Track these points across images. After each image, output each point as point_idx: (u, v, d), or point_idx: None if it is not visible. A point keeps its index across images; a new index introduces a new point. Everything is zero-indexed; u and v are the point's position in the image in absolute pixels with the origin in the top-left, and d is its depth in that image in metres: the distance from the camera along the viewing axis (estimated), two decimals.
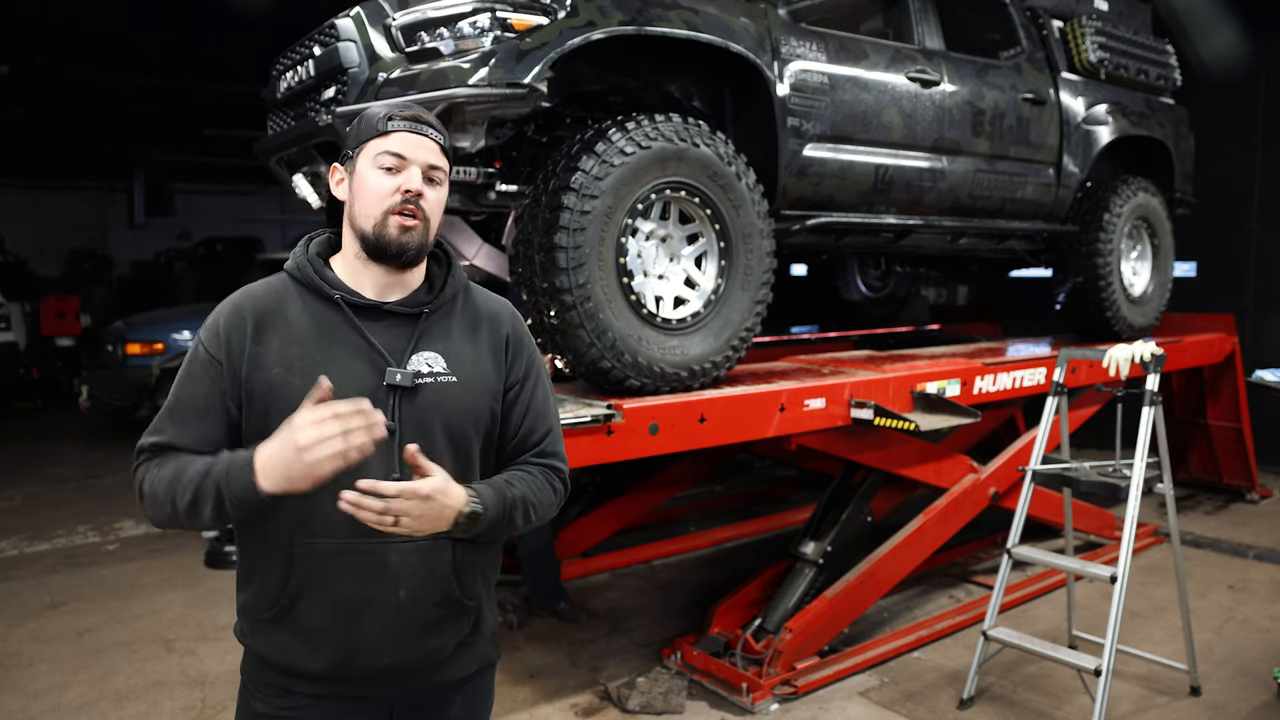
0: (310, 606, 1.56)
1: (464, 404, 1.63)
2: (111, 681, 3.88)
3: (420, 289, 1.67)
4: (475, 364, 1.66)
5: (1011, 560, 3.66)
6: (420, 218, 1.58)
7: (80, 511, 6.54)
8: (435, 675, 1.66)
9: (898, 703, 3.64)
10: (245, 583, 1.64)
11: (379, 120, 1.59)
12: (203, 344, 1.59)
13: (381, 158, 1.57)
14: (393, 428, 1.54)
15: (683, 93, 3.93)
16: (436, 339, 1.63)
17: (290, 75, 3.60)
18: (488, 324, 1.71)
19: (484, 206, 3.44)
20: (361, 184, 1.59)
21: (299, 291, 1.61)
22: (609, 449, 3.15)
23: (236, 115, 11.12)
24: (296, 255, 1.65)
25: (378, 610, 1.56)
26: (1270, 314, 7.52)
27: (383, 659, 1.59)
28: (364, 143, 1.60)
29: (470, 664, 1.71)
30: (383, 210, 1.56)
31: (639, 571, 5.23)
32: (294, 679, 1.60)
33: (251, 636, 1.63)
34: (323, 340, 1.56)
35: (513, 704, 3.66)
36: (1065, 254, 5.39)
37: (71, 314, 11.54)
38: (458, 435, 1.62)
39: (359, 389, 1.52)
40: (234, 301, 1.62)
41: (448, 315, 1.67)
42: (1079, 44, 5.24)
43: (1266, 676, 3.80)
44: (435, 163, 1.60)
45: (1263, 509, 6.44)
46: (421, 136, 1.59)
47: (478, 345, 1.68)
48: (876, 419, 3.75)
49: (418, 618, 1.60)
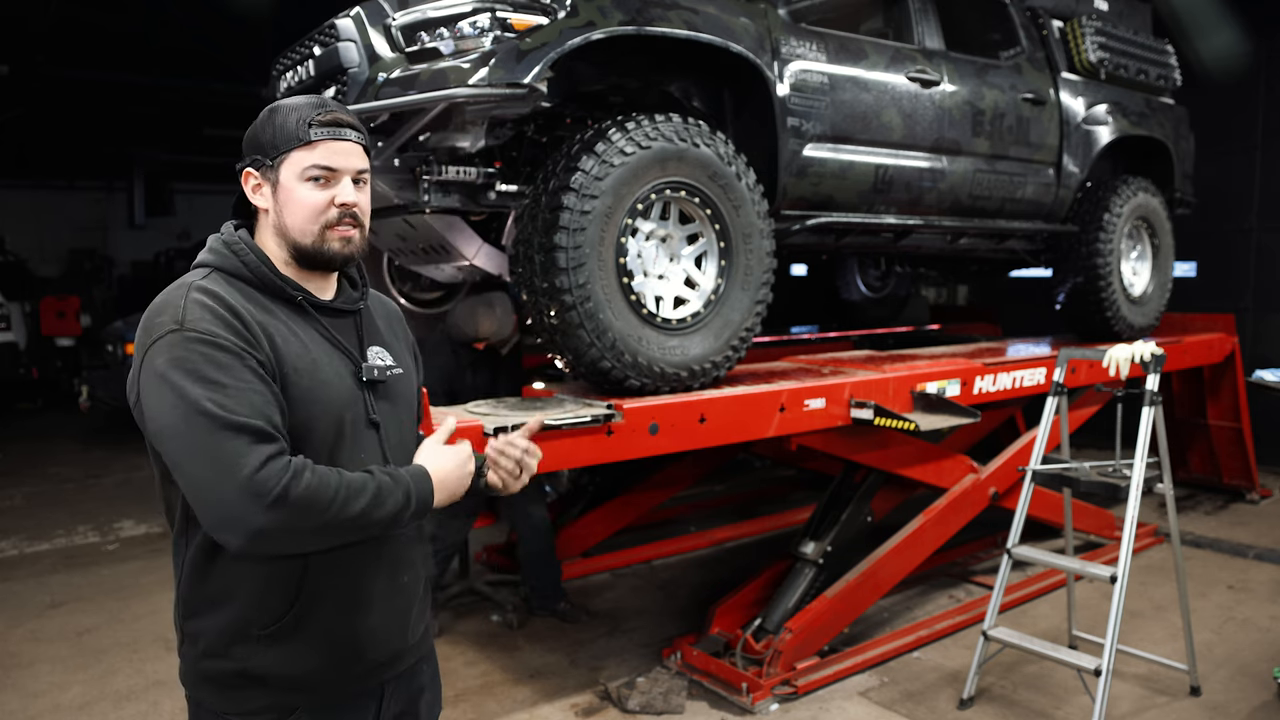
0: (324, 609, 1.53)
1: (410, 390, 1.72)
2: (111, 681, 3.88)
3: (343, 285, 1.68)
4: (404, 354, 1.74)
5: (1011, 560, 3.66)
6: (357, 225, 1.58)
7: (80, 511, 6.54)
8: (417, 650, 1.72)
9: (898, 703, 3.64)
10: (219, 602, 1.50)
11: (299, 128, 1.50)
12: (216, 336, 1.40)
13: (309, 171, 1.52)
14: (376, 420, 1.60)
15: (683, 93, 3.92)
16: (375, 334, 1.69)
17: (290, 75, 3.60)
18: (396, 321, 1.79)
19: (484, 206, 3.44)
20: (290, 197, 1.52)
21: (252, 291, 1.52)
22: (609, 449, 3.15)
23: (236, 115, 11.09)
24: (241, 256, 1.53)
25: (385, 598, 1.61)
26: (1270, 314, 7.52)
27: (391, 645, 1.63)
28: (285, 153, 1.51)
29: (428, 633, 1.78)
30: (320, 226, 1.53)
31: (639, 571, 5.23)
32: (291, 693, 1.52)
33: (230, 658, 1.49)
34: (303, 340, 1.55)
35: (513, 704, 3.66)
36: (1065, 254, 5.39)
37: (71, 314, 11.53)
38: (409, 420, 1.71)
39: (344, 388, 1.57)
40: (208, 300, 1.44)
41: (370, 311, 1.71)
42: (1079, 44, 5.23)
43: (1266, 676, 3.80)
44: (362, 166, 1.58)
45: (1263, 509, 6.44)
46: (346, 143, 1.54)
47: (398, 339, 1.75)
48: (876, 419, 3.75)
49: (412, 595, 1.67)
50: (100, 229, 16.56)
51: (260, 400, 1.40)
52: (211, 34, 9.44)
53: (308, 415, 1.49)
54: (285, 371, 1.47)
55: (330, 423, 1.52)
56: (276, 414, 1.42)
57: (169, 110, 12.21)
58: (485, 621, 4.45)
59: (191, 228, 16.14)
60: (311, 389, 1.50)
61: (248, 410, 1.37)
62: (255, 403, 1.38)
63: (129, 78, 10.85)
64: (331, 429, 1.53)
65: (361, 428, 1.57)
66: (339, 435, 1.54)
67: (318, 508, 1.38)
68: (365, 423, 1.58)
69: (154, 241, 15.55)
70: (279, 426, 1.41)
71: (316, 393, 1.51)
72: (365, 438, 1.58)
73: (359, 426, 1.57)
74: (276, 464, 1.36)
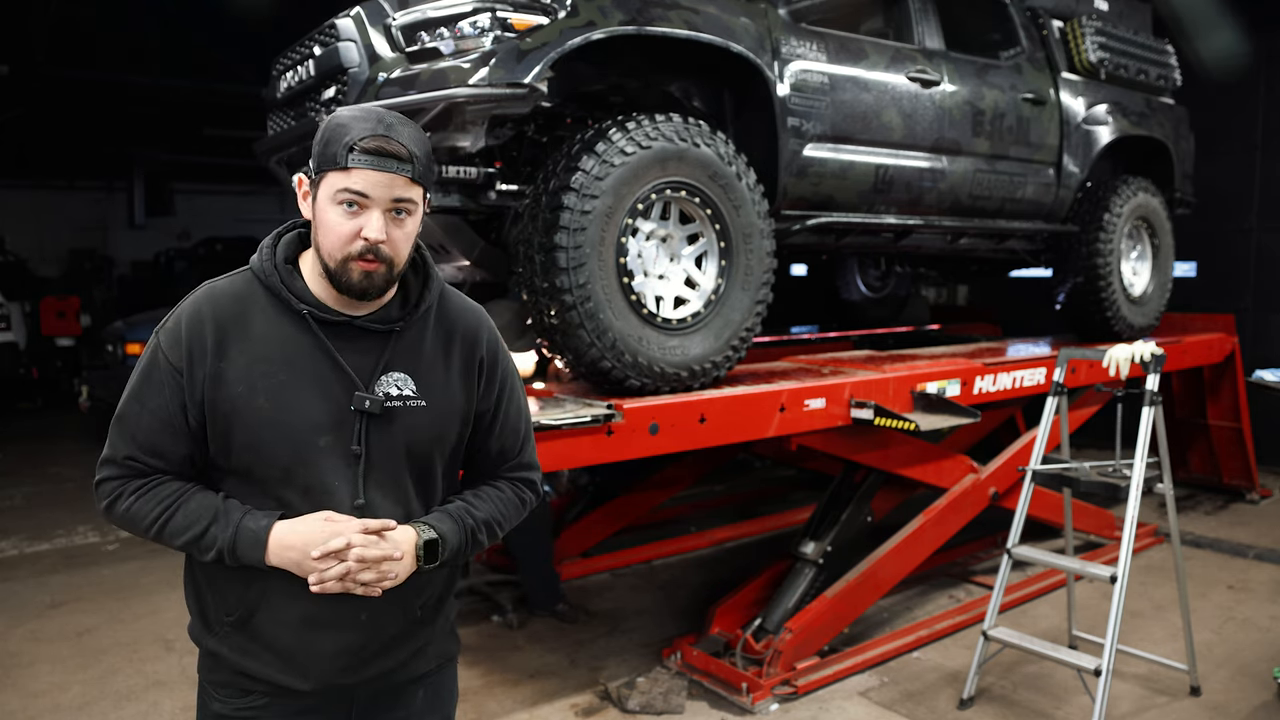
0: (268, 620, 1.53)
1: (431, 430, 1.59)
2: (111, 681, 3.88)
3: (393, 301, 1.60)
4: (445, 386, 1.61)
5: (1011, 560, 3.66)
6: (381, 261, 1.49)
7: (80, 511, 6.53)
8: (396, 675, 1.65)
9: (898, 703, 3.64)
10: (202, 585, 1.59)
11: (340, 151, 1.45)
12: (162, 350, 1.50)
13: (342, 195, 1.46)
14: (358, 452, 1.52)
15: (683, 93, 3.92)
16: (407, 358, 1.57)
17: (290, 75, 3.60)
18: (461, 340, 1.65)
19: (484, 206, 3.44)
20: (323, 217, 1.49)
21: (267, 299, 1.53)
22: (609, 449, 3.15)
23: (236, 115, 11.12)
24: (264, 258, 1.56)
25: (338, 629, 1.54)
26: (1270, 314, 7.52)
27: (342, 676, 1.57)
28: (325, 172, 1.48)
29: (430, 661, 1.70)
30: (343, 255, 1.48)
31: (639, 571, 5.23)
32: (251, 680, 1.57)
33: (209, 637, 1.58)
34: (288, 359, 1.50)
35: (513, 704, 3.66)
36: (1065, 254, 5.39)
37: (71, 314, 11.52)
38: (421, 457, 1.60)
39: (324, 411, 1.50)
40: (196, 306, 1.52)
41: (420, 328, 1.60)
42: (1079, 44, 5.23)
43: (1266, 676, 3.80)
44: (403, 195, 1.48)
45: (1263, 509, 6.44)
46: (385, 173, 1.45)
47: (449, 364, 1.62)
48: (876, 419, 3.75)
49: (377, 637, 1.58)
50: (100, 229, 16.56)
51: (146, 429, 1.51)
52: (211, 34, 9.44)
53: (255, 437, 1.48)
54: (229, 391, 1.48)
55: (284, 446, 1.49)
56: (177, 446, 1.51)
57: (169, 110, 12.21)
58: (485, 621, 4.45)
59: (191, 228, 16.12)
60: (266, 410, 1.48)
61: (134, 430, 1.51)
62: (149, 426, 1.50)
63: (129, 78, 10.84)
64: (285, 450, 1.49)
65: (335, 455, 1.51)
66: (294, 459, 1.50)
67: (136, 529, 1.53)
68: (344, 450, 1.51)
69: (154, 241, 15.54)
70: (147, 454, 1.51)
71: (272, 415, 1.48)
72: (337, 465, 1.51)
73: (331, 453, 1.51)
74: (106, 485, 1.54)
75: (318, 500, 1.51)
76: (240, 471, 1.52)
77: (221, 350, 1.49)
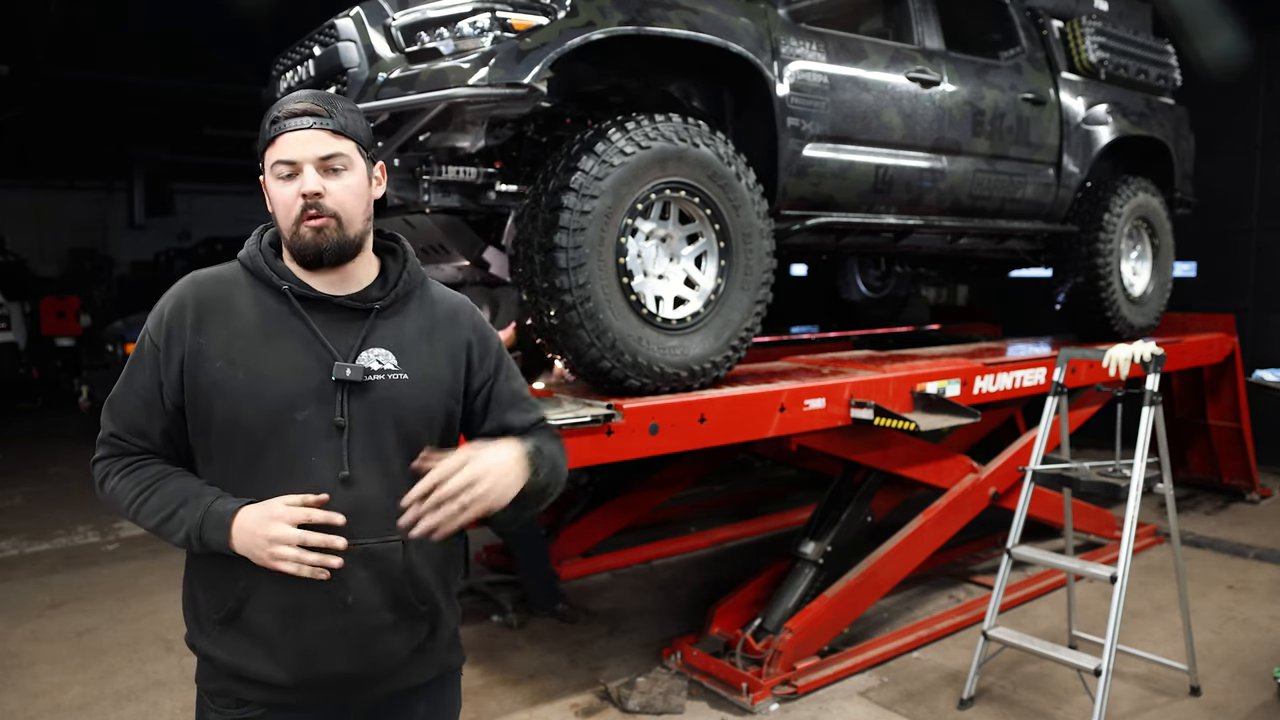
0: (257, 610, 1.53)
1: (417, 402, 1.59)
2: (111, 681, 3.88)
3: (374, 284, 1.62)
4: (429, 362, 1.61)
5: (1011, 560, 3.66)
6: (327, 215, 1.51)
7: (80, 511, 6.54)
8: (391, 682, 1.62)
9: (898, 703, 3.64)
10: (196, 587, 1.61)
11: (266, 128, 1.53)
12: (148, 332, 1.57)
13: (277, 168, 1.52)
14: (342, 424, 1.52)
15: (683, 93, 3.92)
16: (388, 335, 1.59)
17: (290, 75, 3.60)
18: (444, 326, 1.66)
19: (484, 206, 3.44)
20: (270, 196, 1.55)
21: (249, 281, 1.58)
22: (609, 449, 3.15)
23: (236, 115, 11.12)
24: (249, 244, 1.61)
25: (323, 614, 1.52)
26: (1270, 314, 7.52)
27: (336, 665, 1.54)
28: (262, 155, 1.54)
29: (428, 670, 1.67)
30: (292, 220, 1.52)
31: (639, 571, 5.23)
32: (247, 685, 1.56)
33: (202, 639, 1.59)
34: (268, 332, 1.53)
35: (513, 704, 3.66)
36: (1065, 254, 5.39)
37: (71, 314, 11.53)
38: (410, 434, 1.58)
39: (304, 382, 1.51)
40: (179, 289, 1.59)
41: (400, 312, 1.62)
42: (1079, 44, 5.23)
43: (1266, 676, 3.80)
44: (328, 151, 1.51)
45: (1263, 509, 6.44)
46: (307, 131, 1.50)
47: (433, 346, 1.63)
48: (876, 419, 3.75)
49: (366, 621, 1.54)
50: (100, 229, 16.57)
51: (132, 408, 1.57)
52: (211, 34, 9.44)
53: (235, 411, 1.50)
54: (209, 366, 1.51)
55: (263, 418, 1.50)
56: (153, 423, 1.56)
57: (169, 110, 12.21)
58: (485, 621, 4.45)
59: (191, 228, 16.13)
60: (246, 383, 1.50)
61: (124, 409, 1.58)
62: (132, 405, 1.57)
63: (129, 78, 10.84)
64: (263, 424, 1.50)
65: (318, 428, 1.51)
66: (274, 432, 1.50)
67: (119, 508, 1.58)
68: (327, 424, 1.51)
69: (154, 241, 15.55)
70: (131, 434, 1.57)
71: (251, 387, 1.50)
72: (319, 439, 1.51)
73: (313, 427, 1.51)
74: (98, 465, 1.61)
75: (299, 476, 1.50)
76: (222, 449, 1.54)
77: (201, 328, 1.53)
